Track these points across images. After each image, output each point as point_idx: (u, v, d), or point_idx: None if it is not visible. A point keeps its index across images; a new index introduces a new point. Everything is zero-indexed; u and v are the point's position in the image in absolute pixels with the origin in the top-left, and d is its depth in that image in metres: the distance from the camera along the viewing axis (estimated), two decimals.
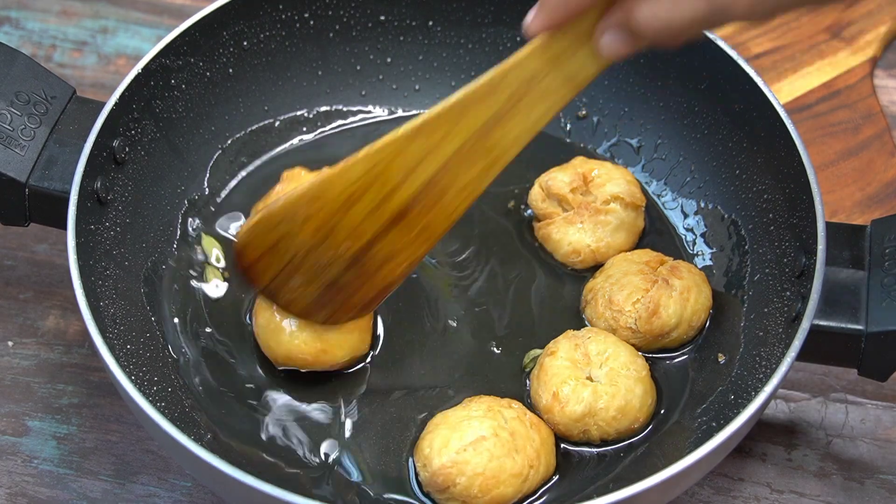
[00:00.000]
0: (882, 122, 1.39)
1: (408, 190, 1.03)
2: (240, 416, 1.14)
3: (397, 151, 1.02)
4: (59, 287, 1.29)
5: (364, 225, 1.05)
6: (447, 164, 1.02)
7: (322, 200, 1.05)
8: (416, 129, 1.01)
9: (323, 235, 1.06)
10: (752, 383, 1.09)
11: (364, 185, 1.03)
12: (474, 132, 1.01)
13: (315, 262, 1.08)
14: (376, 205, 1.04)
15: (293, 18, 1.29)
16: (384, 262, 1.08)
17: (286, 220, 1.06)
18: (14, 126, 1.14)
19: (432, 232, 1.06)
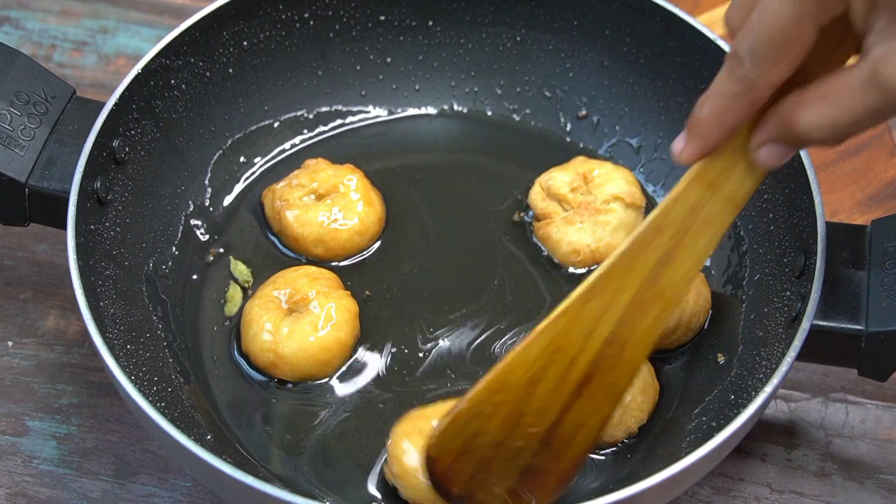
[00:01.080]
0: (882, 123, 1.39)
1: (588, 355, 0.97)
2: (240, 414, 1.14)
3: (573, 319, 0.97)
4: (59, 287, 1.29)
5: (550, 403, 0.99)
6: (622, 318, 0.96)
7: (506, 390, 0.99)
8: (587, 292, 0.96)
9: (511, 423, 1.00)
10: (752, 383, 1.09)
11: (545, 362, 0.98)
12: (645, 279, 0.95)
13: (507, 452, 1.01)
14: (560, 378, 0.98)
15: (293, 18, 1.29)
16: (574, 433, 1.00)
17: (474, 420, 1.00)
18: (14, 126, 1.14)
19: (617, 389, 0.99)
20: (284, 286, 1.18)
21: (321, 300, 1.16)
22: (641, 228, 0.94)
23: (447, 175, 1.30)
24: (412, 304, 1.21)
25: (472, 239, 1.26)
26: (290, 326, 1.15)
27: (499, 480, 1.03)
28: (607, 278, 0.95)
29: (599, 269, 0.95)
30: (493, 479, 1.03)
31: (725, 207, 0.93)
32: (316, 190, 1.24)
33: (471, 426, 1.01)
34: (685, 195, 0.93)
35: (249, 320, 1.17)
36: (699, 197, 0.93)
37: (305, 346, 1.14)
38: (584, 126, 1.32)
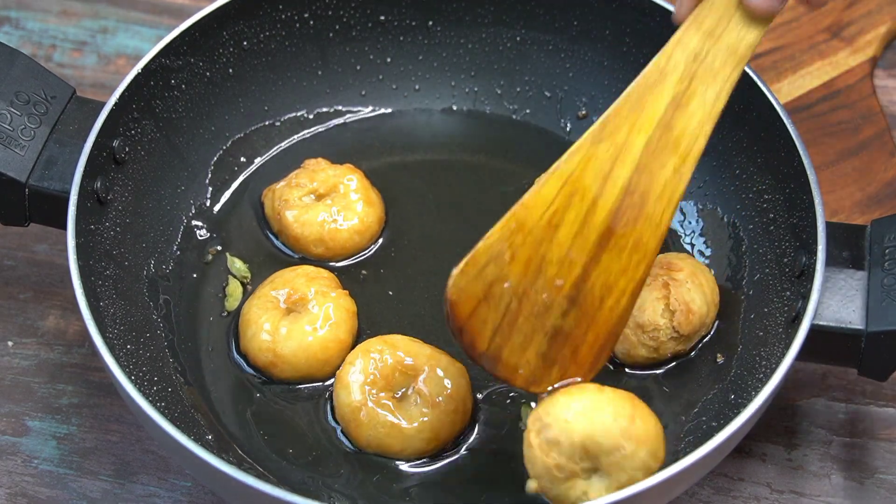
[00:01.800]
0: (882, 122, 1.39)
1: (607, 201, 0.97)
2: (239, 414, 1.14)
3: (587, 158, 0.97)
4: (59, 287, 1.29)
5: (573, 251, 0.98)
6: (639, 164, 0.97)
7: (524, 230, 0.97)
8: (598, 131, 0.98)
9: (534, 271, 0.98)
10: (752, 383, 1.09)
11: (563, 202, 0.97)
12: (657, 123, 0.98)
13: (532, 306, 0.98)
14: (580, 223, 0.97)
15: (293, 18, 1.29)
16: (604, 295, 0.99)
17: (492, 261, 0.98)
18: (14, 126, 1.14)
19: (644, 248, 0.99)
20: (283, 286, 1.18)
21: (319, 300, 1.16)
22: (646, 70, 0.98)
23: (447, 175, 1.30)
24: (412, 303, 1.21)
25: (472, 238, 1.25)
26: (288, 326, 1.15)
27: (527, 340, 1.00)
28: (617, 117, 0.98)
29: (608, 110, 0.98)
30: (520, 338, 1.00)
31: (729, 59, 0.98)
32: (316, 190, 1.24)
33: (490, 268, 0.98)
34: (684, 40, 0.99)
35: (248, 320, 1.17)
36: (699, 44, 0.98)
37: (304, 345, 1.14)
38: (584, 126, 1.32)
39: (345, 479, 1.11)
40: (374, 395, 1.11)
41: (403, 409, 1.11)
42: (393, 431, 1.10)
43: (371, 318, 1.20)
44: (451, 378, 1.11)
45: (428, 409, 1.10)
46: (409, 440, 1.10)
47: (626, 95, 0.99)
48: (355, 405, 1.10)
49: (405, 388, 1.12)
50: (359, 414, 1.10)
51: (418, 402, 1.11)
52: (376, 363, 1.11)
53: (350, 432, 1.12)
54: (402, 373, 1.12)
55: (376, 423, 1.10)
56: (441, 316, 1.19)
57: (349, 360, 1.12)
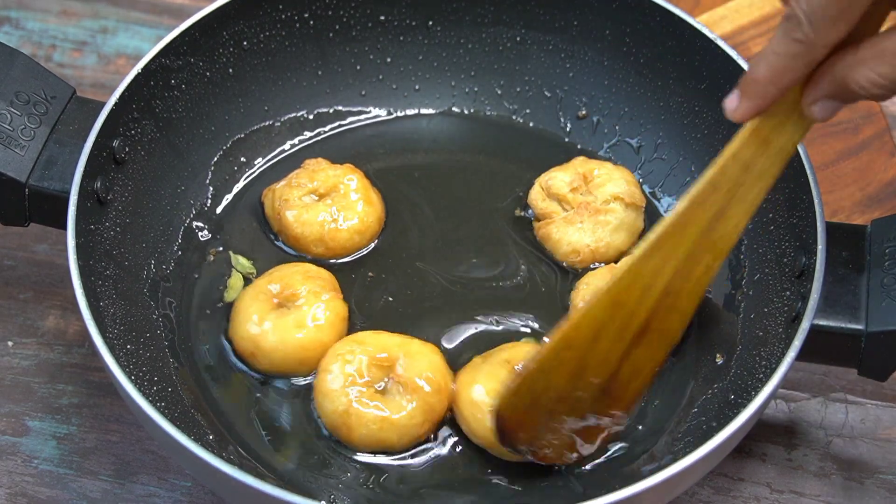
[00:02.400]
0: (882, 122, 1.39)
1: (646, 307, 1.02)
2: (240, 415, 1.15)
3: (634, 276, 1.01)
4: (59, 287, 1.29)
5: (610, 355, 1.04)
6: (678, 270, 1.01)
7: (573, 346, 1.03)
8: (649, 250, 1.00)
9: (575, 377, 1.05)
10: (752, 383, 1.09)
11: (607, 318, 1.02)
12: (700, 233, 0.99)
13: (569, 405, 1.06)
14: (620, 331, 1.03)
15: (293, 18, 1.29)
16: (630, 380, 1.05)
17: (542, 377, 1.05)
18: (14, 126, 1.14)
19: (671, 335, 1.04)
20: (279, 280, 1.18)
21: (310, 299, 1.16)
22: (699, 186, 0.98)
23: (447, 175, 1.30)
24: (412, 302, 1.21)
25: (472, 238, 1.26)
26: (274, 321, 1.15)
27: (559, 429, 1.08)
28: (666, 236, 1.00)
29: (660, 228, 0.99)
30: (554, 429, 1.08)
31: (776, 160, 0.97)
32: (316, 190, 1.24)
33: (539, 383, 1.05)
34: (741, 152, 0.96)
35: (238, 308, 1.17)
36: (753, 153, 0.96)
37: (285, 341, 1.15)
38: (583, 126, 1.32)
39: (349, 480, 1.11)
40: (356, 396, 1.11)
41: (388, 401, 1.11)
42: (385, 425, 1.10)
43: (371, 317, 1.20)
44: (426, 360, 1.13)
45: (412, 395, 1.11)
46: (403, 429, 1.11)
47: (678, 213, 0.99)
48: (341, 410, 1.11)
49: (384, 381, 1.12)
50: (347, 418, 1.10)
51: (401, 391, 1.11)
52: (351, 364, 1.12)
53: (342, 437, 1.12)
54: (378, 366, 1.12)
55: (367, 422, 1.10)
56: (440, 315, 1.20)
57: (323, 368, 1.12)
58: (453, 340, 1.19)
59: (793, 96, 0.94)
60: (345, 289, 1.20)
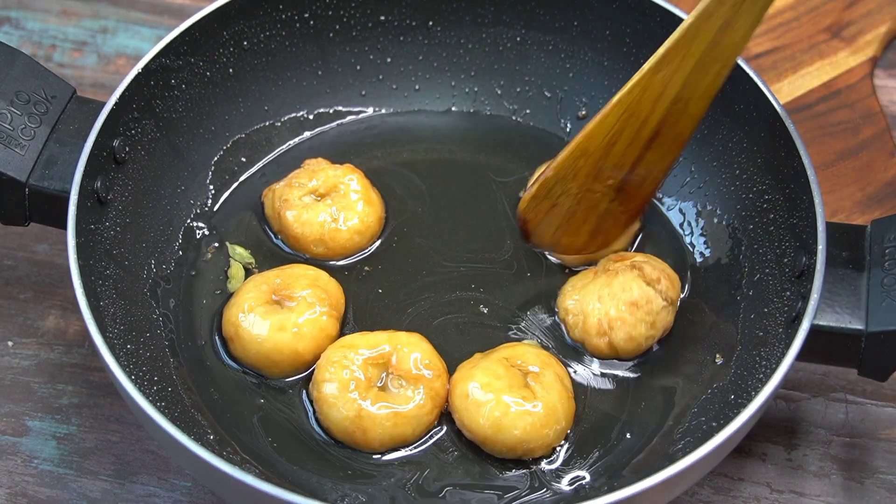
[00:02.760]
0: (882, 122, 1.39)
1: (657, 115, 1.10)
2: (240, 415, 1.15)
3: (644, 87, 1.08)
4: (59, 287, 1.29)
5: (624, 157, 1.13)
6: (687, 80, 1.08)
7: (587, 154, 1.13)
8: (658, 63, 1.07)
9: (591, 179, 1.15)
10: (752, 383, 1.09)
11: (620, 126, 1.11)
12: (707, 44, 1.06)
13: (588, 202, 1.16)
14: (633, 137, 1.11)
15: (293, 18, 1.29)
16: (644, 178, 1.15)
17: (559, 182, 1.15)
18: (14, 126, 1.15)
19: (681, 137, 1.13)
20: (285, 277, 1.18)
21: (302, 306, 1.16)
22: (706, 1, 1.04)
23: (447, 175, 1.30)
24: (413, 302, 1.21)
25: (472, 238, 1.26)
26: (261, 315, 1.15)
27: (581, 226, 1.19)
28: (674, 49, 1.07)
29: (667, 42, 1.07)
30: (576, 226, 1.19)
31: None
32: (316, 190, 1.24)
33: (557, 188, 1.16)
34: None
35: (239, 291, 1.18)
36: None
37: (261, 338, 1.15)
38: (583, 126, 1.31)
39: (350, 477, 1.11)
40: (362, 398, 1.11)
41: (393, 396, 1.12)
42: (399, 420, 1.10)
43: (370, 316, 1.20)
44: (418, 348, 1.13)
45: (416, 384, 1.11)
46: (416, 419, 1.11)
47: (685, 28, 1.05)
48: (352, 416, 1.10)
49: (383, 377, 1.13)
50: (360, 422, 1.10)
51: (403, 384, 1.12)
52: (348, 368, 1.12)
53: (357, 441, 1.11)
54: (374, 365, 1.13)
55: (381, 421, 1.10)
56: (440, 314, 1.20)
57: (321, 379, 1.12)
58: (451, 340, 1.19)
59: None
60: (344, 289, 1.20)
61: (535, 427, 1.09)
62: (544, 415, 1.10)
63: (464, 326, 1.19)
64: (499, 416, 1.09)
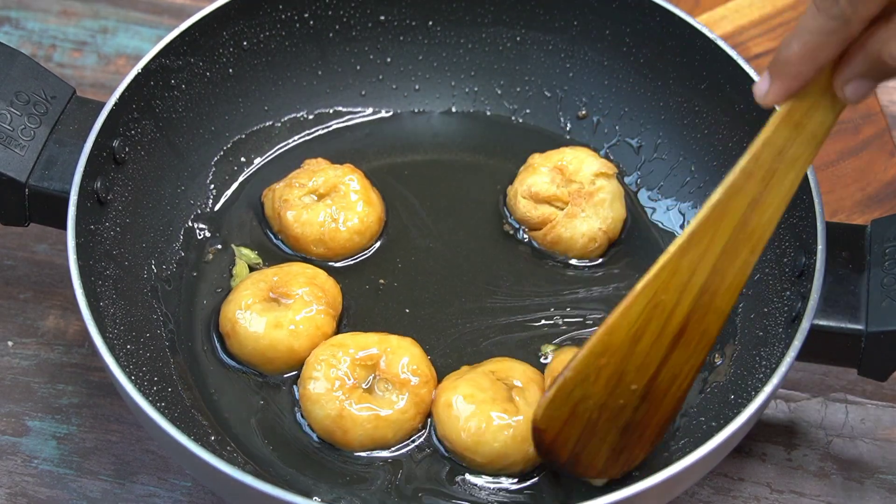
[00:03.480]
0: (882, 122, 1.39)
1: (684, 307, 1.00)
2: (240, 415, 1.15)
3: (671, 273, 0.99)
4: (59, 287, 1.29)
5: (649, 359, 1.02)
6: (715, 267, 0.99)
7: (609, 351, 1.01)
8: (685, 244, 0.98)
9: (614, 385, 1.02)
10: (752, 383, 1.09)
11: (645, 319, 1.00)
12: (736, 225, 0.97)
13: (609, 414, 1.04)
14: (658, 334, 1.01)
15: (293, 18, 1.29)
16: (670, 384, 1.03)
17: (579, 385, 1.03)
18: (14, 126, 1.14)
19: (708, 336, 1.02)
20: (283, 275, 1.18)
21: (299, 304, 1.16)
22: (733, 176, 0.96)
23: (447, 175, 1.30)
24: (412, 303, 1.21)
25: (472, 238, 1.26)
26: (258, 312, 1.15)
27: (602, 441, 1.05)
28: (703, 228, 0.97)
29: (695, 220, 0.97)
30: (598, 440, 1.05)
31: (808, 145, 0.95)
32: (316, 190, 1.24)
33: (576, 392, 1.03)
34: (773, 138, 0.94)
35: (237, 287, 1.18)
36: (786, 138, 0.94)
37: (257, 335, 1.15)
38: (583, 126, 1.32)
39: (349, 481, 1.11)
40: (346, 398, 1.11)
41: (378, 398, 1.12)
42: (380, 423, 1.11)
43: (368, 316, 1.20)
44: (407, 353, 1.13)
45: (401, 389, 1.12)
46: (397, 424, 1.11)
47: (713, 204, 0.97)
48: (334, 415, 1.11)
49: (370, 379, 1.13)
50: (341, 421, 1.11)
51: (389, 387, 1.12)
52: (335, 367, 1.12)
53: (337, 440, 1.12)
54: (362, 366, 1.13)
55: (362, 422, 1.10)
56: (439, 314, 1.20)
57: (307, 376, 1.13)
58: (449, 342, 1.19)
59: (825, 77, 0.91)
60: (343, 288, 1.20)
61: (515, 441, 1.09)
62: (526, 428, 1.08)
63: (462, 328, 1.19)
64: (479, 428, 1.09)
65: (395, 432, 1.11)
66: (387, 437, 1.11)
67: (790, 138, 0.94)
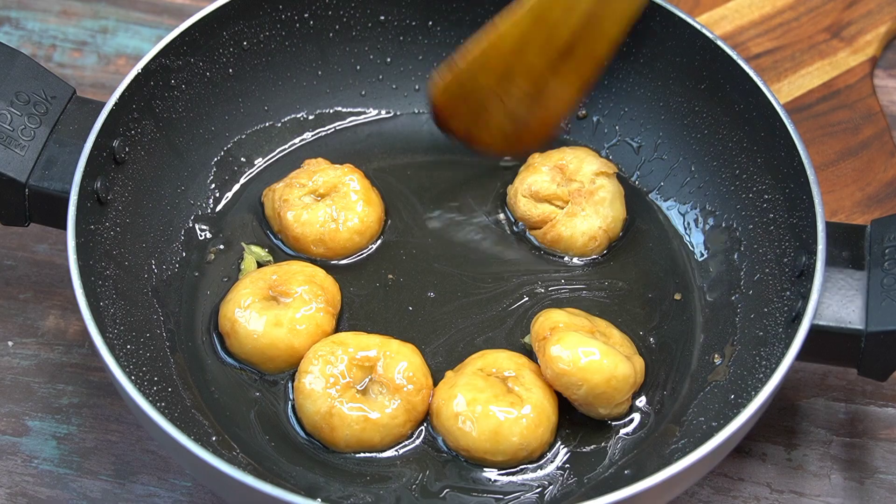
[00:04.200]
0: (882, 122, 1.39)
1: (570, 26, 1.16)
2: (240, 415, 1.15)
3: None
4: (59, 287, 1.29)
5: (537, 65, 1.18)
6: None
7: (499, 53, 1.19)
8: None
9: (502, 78, 1.20)
10: (752, 383, 1.09)
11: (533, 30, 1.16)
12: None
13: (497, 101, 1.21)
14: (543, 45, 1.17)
15: (293, 18, 1.29)
16: (559, 91, 1.20)
17: (472, 76, 1.20)
18: (14, 126, 1.15)
19: (597, 56, 1.19)
20: (282, 273, 1.18)
21: (298, 302, 1.16)
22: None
23: (447, 175, 1.30)
24: (412, 301, 1.21)
25: (472, 237, 1.26)
26: (258, 311, 1.16)
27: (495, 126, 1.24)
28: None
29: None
30: (486, 119, 1.24)
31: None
32: (316, 190, 1.24)
33: (469, 82, 1.21)
34: None
35: (236, 286, 1.18)
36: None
37: (257, 334, 1.15)
38: (584, 126, 1.32)
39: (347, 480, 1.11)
40: (338, 397, 1.11)
41: (370, 401, 1.12)
42: (368, 426, 1.11)
43: (370, 315, 1.20)
44: (406, 359, 1.13)
45: (395, 395, 1.11)
46: (385, 429, 1.11)
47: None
48: (323, 411, 1.11)
49: (365, 381, 1.13)
50: (330, 419, 1.11)
51: (383, 391, 1.12)
52: (332, 364, 1.12)
53: (324, 437, 1.12)
54: (359, 367, 1.13)
55: (350, 423, 1.10)
56: (438, 316, 1.20)
57: (303, 370, 1.13)
58: (448, 340, 1.19)
59: None
60: (343, 287, 1.21)
61: (530, 429, 1.09)
62: (536, 415, 1.09)
63: (460, 325, 1.19)
64: (494, 428, 1.09)
65: (382, 437, 1.11)
66: (374, 440, 1.11)
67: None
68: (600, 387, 1.09)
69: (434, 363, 1.16)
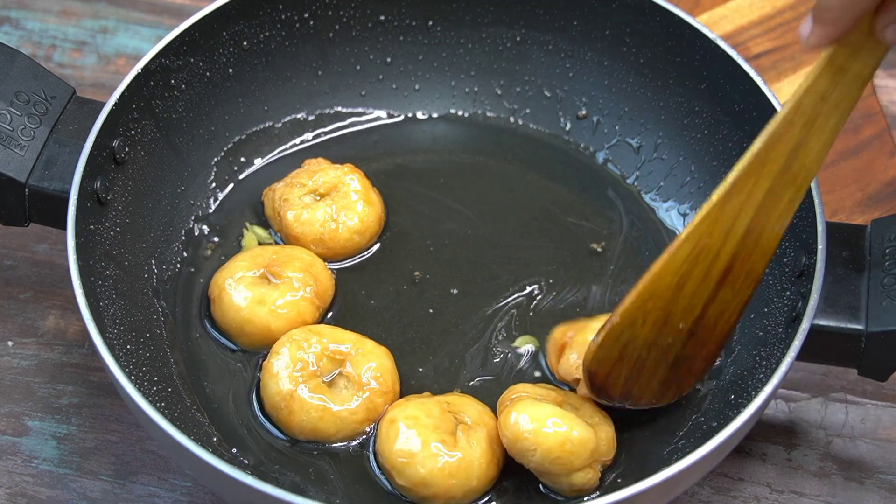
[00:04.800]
0: (882, 122, 1.39)
1: (728, 250, 1.03)
2: (240, 415, 1.15)
3: (714, 221, 1.02)
4: (59, 287, 1.29)
5: (695, 300, 1.05)
6: (759, 209, 1.01)
7: (655, 296, 1.05)
8: (726, 194, 1.01)
9: (661, 325, 1.06)
10: (752, 383, 1.09)
11: (689, 265, 1.03)
12: (779, 170, 0.99)
13: (658, 352, 1.08)
14: (703, 276, 1.04)
15: (293, 18, 1.29)
16: (717, 320, 1.07)
17: (627, 329, 1.06)
18: (14, 126, 1.15)
19: (755, 273, 1.06)
20: (280, 254, 1.19)
21: (286, 286, 1.17)
22: (774, 125, 0.97)
23: (447, 175, 1.30)
24: (411, 302, 1.21)
25: (471, 238, 1.26)
26: (246, 285, 1.16)
27: (652, 376, 1.09)
28: (744, 177, 1.00)
29: (735, 170, 0.99)
30: (647, 376, 1.09)
31: (853, 87, 0.96)
32: (316, 189, 1.24)
33: (624, 335, 1.07)
34: (816, 85, 0.96)
35: (236, 257, 1.20)
36: (829, 83, 0.96)
37: (239, 308, 1.16)
38: (583, 126, 1.32)
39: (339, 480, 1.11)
40: (302, 382, 1.12)
41: (333, 393, 1.12)
42: (326, 415, 1.11)
43: (360, 316, 1.20)
44: (377, 360, 1.13)
45: (359, 392, 1.12)
46: (342, 422, 1.11)
47: (754, 153, 0.99)
48: (285, 392, 1.11)
49: (333, 374, 1.13)
50: (290, 402, 1.11)
51: (348, 386, 1.12)
52: (304, 351, 1.12)
53: (281, 419, 1.12)
54: (330, 358, 1.13)
55: (309, 409, 1.11)
56: (436, 317, 1.20)
57: (275, 351, 1.14)
58: (454, 344, 1.19)
59: (867, 21, 0.92)
60: (339, 285, 1.21)
61: (441, 473, 1.06)
62: (456, 465, 1.07)
63: (459, 328, 1.19)
64: (410, 451, 1.07)
65: (337, 429, 1.11)
66: (329, 431, 1.11)
67: (833, 83, 0.96)
68: (555, 451, 1.05)
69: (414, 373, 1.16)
